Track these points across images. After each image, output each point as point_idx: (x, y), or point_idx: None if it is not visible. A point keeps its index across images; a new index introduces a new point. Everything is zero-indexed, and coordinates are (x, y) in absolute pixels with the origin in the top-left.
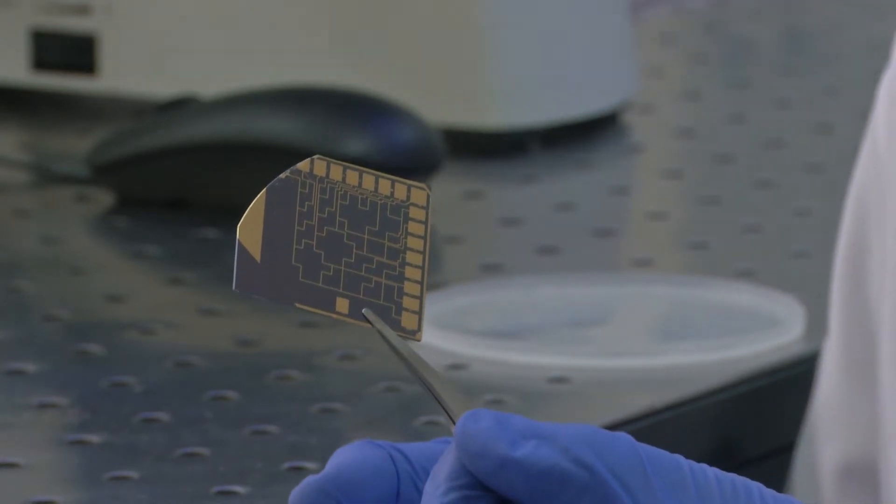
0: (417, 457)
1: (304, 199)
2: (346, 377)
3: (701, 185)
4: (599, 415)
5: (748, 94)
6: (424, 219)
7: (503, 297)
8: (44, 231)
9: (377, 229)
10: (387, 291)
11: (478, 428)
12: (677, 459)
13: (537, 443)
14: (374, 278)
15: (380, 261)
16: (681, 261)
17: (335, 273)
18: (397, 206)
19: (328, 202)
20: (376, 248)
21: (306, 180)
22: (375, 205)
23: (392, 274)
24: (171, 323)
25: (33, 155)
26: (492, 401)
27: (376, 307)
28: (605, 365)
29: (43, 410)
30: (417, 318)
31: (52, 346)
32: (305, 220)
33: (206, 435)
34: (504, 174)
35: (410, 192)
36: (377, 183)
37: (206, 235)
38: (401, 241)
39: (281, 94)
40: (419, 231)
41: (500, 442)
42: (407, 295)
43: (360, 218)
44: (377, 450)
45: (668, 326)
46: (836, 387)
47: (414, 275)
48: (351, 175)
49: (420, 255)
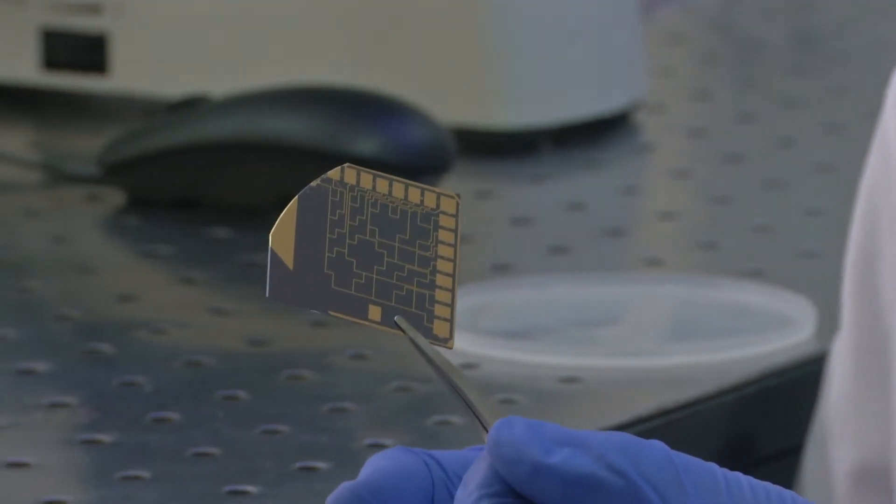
0: (451, 463)
1: (336, 208)
2: (357, 377)
3: (711, 185)
4: (610, 414)
5: (758, 94)
6: (454, 227)
7: (514, 296)
8: (54, 230)
9: (408, 237)
10: (418, 299)
11: (511, 435)
12: (711, 467)
13: (571, 450)
14: (405, 286)
15: (411, 268)
16: (691, 260)
17: (367, 281)
18: (427, 215)
19: (359, 210)
20: (407, 256)
21: (337, 188)
22: (406, 213)
23: (423, 282)
24: (181, 322)
25: (44, 154)
26: (503, 400)
27: (408, 315)
28: (615, 364)
29: (53, 410)
30: (449, 325)
31: (63, 345)
32: (337, 228)
33: (217, 434)
34: (515, 174)
35: (440, 200)
36: (407, 191)
37: (217, 235)
38: (431, 248)
39: (292, 94)
40: (449, 239)
41: (534, 448)
42: (438, 303)
43: (390, 226)
44: (411, 456)
45: (679, 326)
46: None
47: (445, 282)
48: (381, 183)
49: (450, 263)
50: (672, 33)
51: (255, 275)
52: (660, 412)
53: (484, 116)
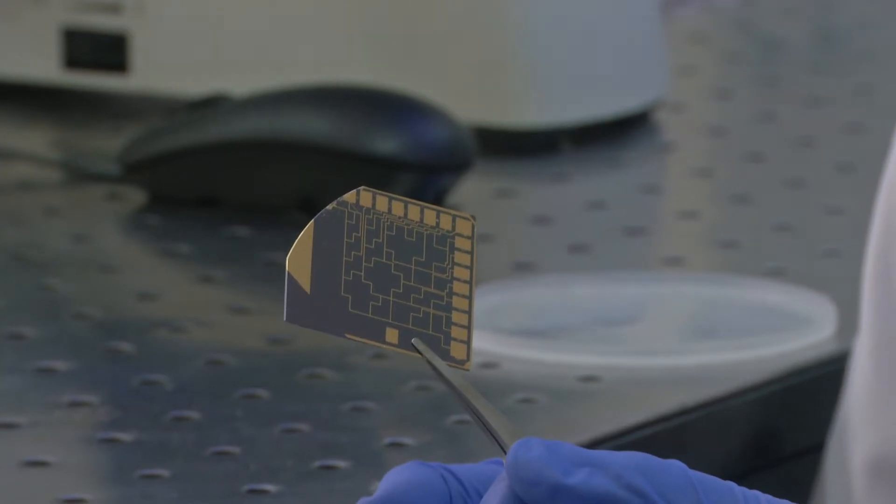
0: (468, 477)
1: (352, 231)
2: (376, 376)
3: (732, 184)
4: (630, 414)
5: (779, 93)
6: (470, 248)
7: (534, 295)
8: (75, 229)
9: (423, 260)
10: (435, 321)
11: (530, 456)
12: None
13: (590, 470)
14: (422, 308)
15: (427, 291)
16: (712, 259)
17: (384, 303)
18: (443, 237)
19: (375, 233)
20: (423, 279)
21: (353, 211)
22: (421, 235)
23: (440, 304)
24: (201, 321)
25: (65, 153)
26: (522, 399)
27: (425, 337)
28: (635, 364)
29: (74, 409)
30: (466, 347)
31: (83, 344)
32: (353, 251)
33: (237, 433)
34: (535, 173)
35: (455, 222)
36: (422, 213)
37: (237, 233)
38: (447, 271)
39: (312, 93)
40: (465, 261)
41: (553, 469)
42: (455, 325)
43: (406, 248)
44: (429, 470)
45: (699, 325)
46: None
47: (461, 304)
48: (396, 206)
49: (466, 285)
50: (693, 32)
51: (276, 274)
52: (680, 411)
53: (505, 115)
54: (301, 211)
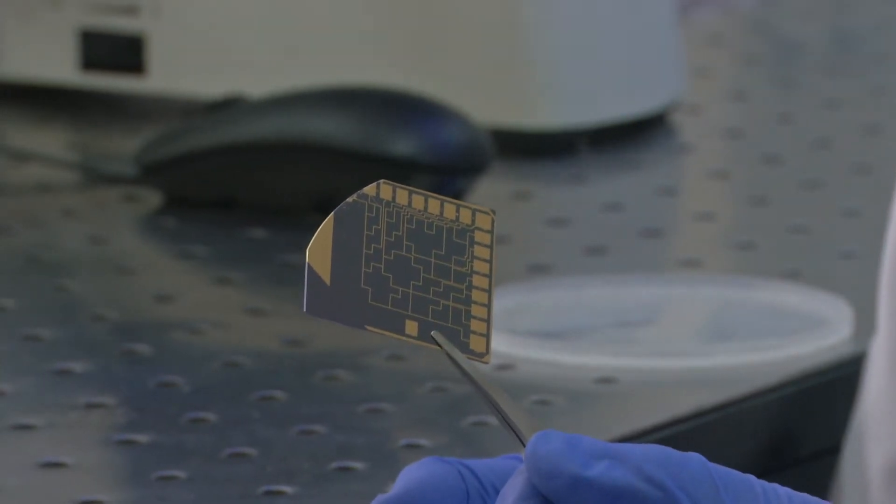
0: (486, 473)
1: (372, 223)
2: (393, 377)
3: (749, 186)
4: (647, 415)
5: (796, 95)
6: (489, 243)
7: (551, 297)
8: (92, 231)
9: (443, 253)
10: (454, 314)
11: (549, 448)
12: (749, 479)
13: (610, 462)
14: (441, 301)
15: (447, 284)
16: (728, 261)
17: (403, 296)
18: (463, 231)
19: (395, 226)
20: (443, 272)
21: (373, 204)
22: (441, 229)
23: (459, 297)
24: (218, 323)
25: (82, 155)
26: (538, 401)
27: (445, 330)
28: (652, 365)
29: (90, 410)
30: (485, 340)
31: (100, 345)
32: (373, 243)
33: (254, 435)
34: (552, 174)
35: (475, 216)
36: (442, 207)
37: (254, 235)
38: (467, 264)
39: (328, 94)
40: (484, 255)
41: (572, 462)
42: (474, 318)
43: (426, 242)
44: (446, 467)
45: (716, 327)
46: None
47: (480, 298)
48: (416, 199)
49: (486, 279)
50: (710, 34)
51: (292, 275)
52: (697, 413)
53: (521, 117)
54: (317, 212)
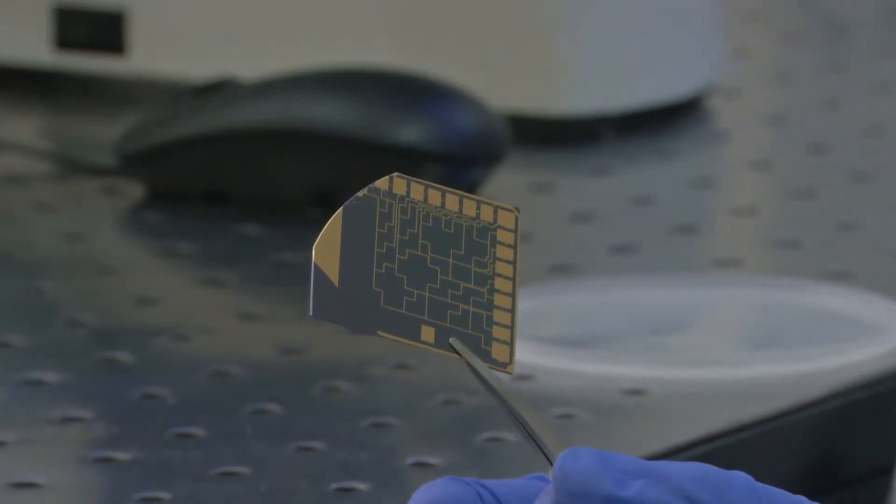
0: (506, 494)
1: (384, 220)
2: (400, 389)
3: (793, 177)
4: (680, 431)
5: (844, 78)
6: (513, 243)
7: (574, 300)
8: (67, 227)
9: (462, 253)
10: (475, 320)
11: (579, 466)
12: (799, 500)
13: (646, 482)
14: (461, 305)
15: (466, 287)
16: (770, 261)
17: (419, 299)
18: (483, 229)
19: (409, 223)
20: (462, 273)
21: (385, 199)
22: (460, 227)
23: (480, 301)
24: (207, 328)
25: (56, 143)
26: (561, 415)
27: (464, 337)
28: (686, 376)
29: (66, 425)
30: (509, 349)
31: (77, 353)
32: (386, 241)
33: (246, 452)
34: (575, 165)
35: (497, 213)
36: (461, 203)
37: (247, 232)
38: (488, 265)
39: (329, 77)
40: (507, 256)
41: (605, 481)
42: (497, 324)
43: (444, 241)
44: (463, 486)
45: (757, 334)
46: None
47: (504, 302)
48: (433, 194)
49: (509, 282)
50: (751, 10)
51: (289, 276)
52: (735, 428)
53: (542, 102)
54: (316, 206)
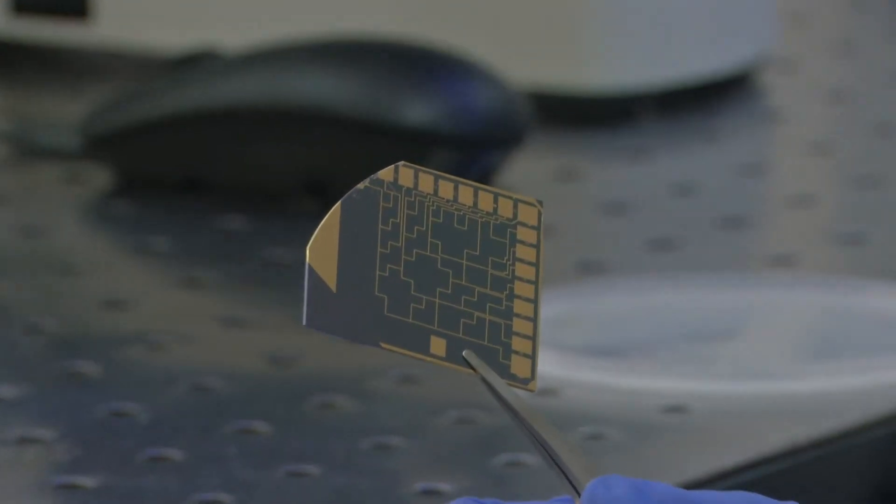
0: None
1: (388, 216)
2: (405, 405)
3: (857, 163)
4: (726, 453)
5: None
6: (536, 241)
7: (605, 304)
8: (25, 219)
9: (478, 253)
10: (492, 330)
11: (611, 497)
12: None
13: None
14: (475, 314)
15: (482, 292)
16: (831, 258)
17: (428, 306)
18: (502, 226)
19: (417, 219)
20: (478, 277)
21: (390, 192)
22: (475, 223)
23: (498, 309)
24: (185, 336)
25: (12, 123)
26: (590, 435)
27: (480, 349)
28: (733, 390)
29: (23, 446)
30: (530, 363)
31: (36, 364)
32: (390, 240)
33: (230, 477)
34: (608, 149)
35: (518, 208)
36: (476, 196)
37: (229, 225)
38: (508, 268)
39: (323, 48)
40: (529, 256)
41: None
42: (517, 335)
43: (456, 239)
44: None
45: (815, 342)
46: None
47: (525, 310)
48: (444, 186)
49: (532, 286)
50: None
51: (278, 275)
52: (790, 451)
53: (570, 77)
54: (309, 196)
